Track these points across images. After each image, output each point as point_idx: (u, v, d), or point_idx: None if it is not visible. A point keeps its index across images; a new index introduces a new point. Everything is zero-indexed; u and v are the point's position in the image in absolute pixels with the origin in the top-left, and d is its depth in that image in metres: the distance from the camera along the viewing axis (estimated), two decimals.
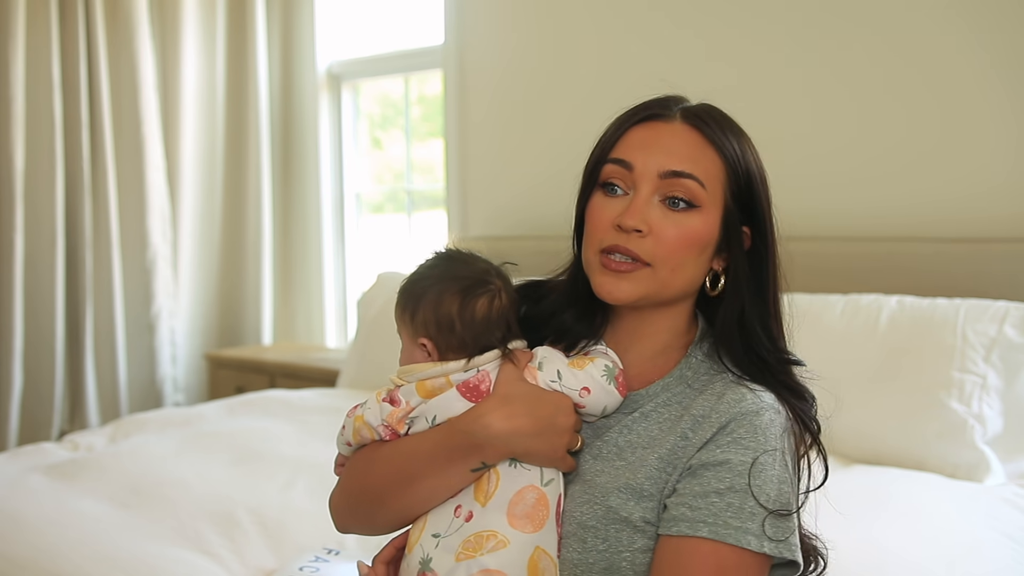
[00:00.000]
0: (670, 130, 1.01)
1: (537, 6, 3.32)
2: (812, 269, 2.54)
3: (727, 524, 0.90)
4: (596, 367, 1.01)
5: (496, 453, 0.96)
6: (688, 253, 0.99)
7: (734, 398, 0.97)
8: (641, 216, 0.97)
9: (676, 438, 0.97)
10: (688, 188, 0.98)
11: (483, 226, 3.49)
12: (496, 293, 1.03)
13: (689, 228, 0.98)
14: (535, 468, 0.98)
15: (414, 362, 1.04)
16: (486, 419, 0.96)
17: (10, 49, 3.48)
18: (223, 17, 3.99)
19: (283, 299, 4.24)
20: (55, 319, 3.63)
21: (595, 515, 0.95)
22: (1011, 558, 1.70)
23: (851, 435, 2.17)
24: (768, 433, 0.94)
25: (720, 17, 2.85)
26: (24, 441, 3.57)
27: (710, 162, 0.99)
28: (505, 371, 1.01)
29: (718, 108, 1.05)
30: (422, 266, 1.07)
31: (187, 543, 1.85)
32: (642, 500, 0.95)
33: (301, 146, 4.12)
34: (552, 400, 0.98)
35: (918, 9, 2.51)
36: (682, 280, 1.01)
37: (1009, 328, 2.09)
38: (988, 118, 2.43)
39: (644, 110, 1.03)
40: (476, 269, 1.04)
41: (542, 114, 3.30)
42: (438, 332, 1.01)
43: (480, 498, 0.97)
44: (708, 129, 1.00)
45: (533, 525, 0.95)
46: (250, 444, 2.44)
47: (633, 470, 0.97)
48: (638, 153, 1.00)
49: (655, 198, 0.99)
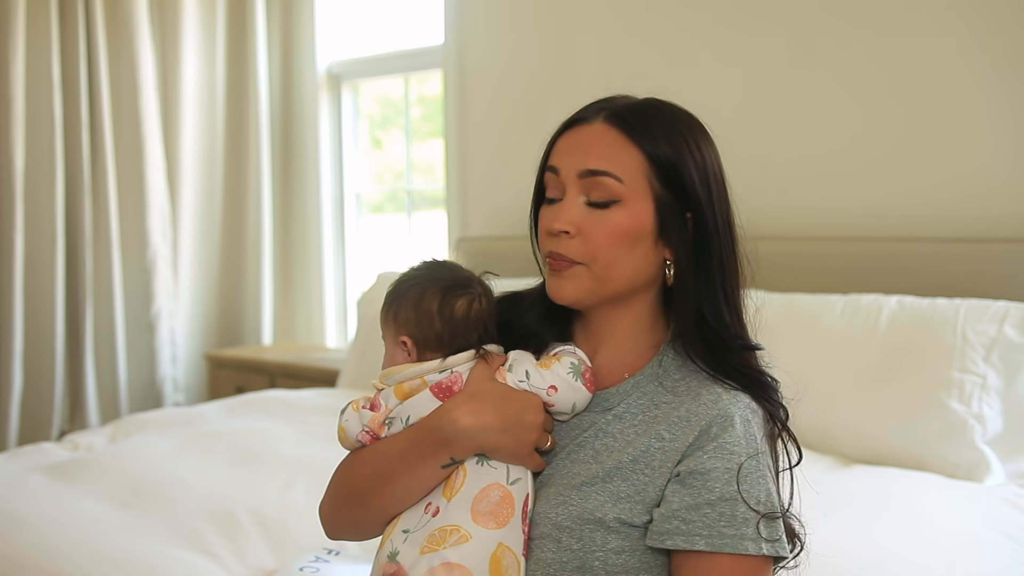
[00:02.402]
0: (590, 131, 1.04)
1: (537, 6, 3.32)
2: (812, 269, 2.54)
3: (722, 534, 0.92)
4: (562, 365, 1.03)
5: (463, 448, 0.98)
6: (618, 247, 1.01)
7: (710, 398, 0.99)
8: (566, 218, 1.01)
9: (651, 439, 0.99)
10: (605, 185, 1.01)
11: (483, 226, 3.49)
12: (476, 297, 1.07)
13: (613, 223, 1.01)
14: (501, 467, 1.00)
15: (395, 364, 1.07)
16: (453, 414, 0.98)
17: (10, 49, 3.48)
18: (223, 17, 3.99)
19: (283, 299, 4.24)
20: (55, 319, 3.63)
21: (569, 515, 0.97)
22: (1011, 558, 1.70)
23: (851, 435, 2.17)
24: (749, 435, 0.97)
25: (720, 18, 2.85)
26: (24, 441, 3.57)
27: (628, 157, 1.01)
28: (476, 371, 1.03)
29: (656, 102, 1.06)
30: (407, 271, 1.11)
31: (187, 543, 1.85)
32: (618, 502, 0.97)
33: (301, 146, 4.12)
34: (520, 398, 1.01)
35: (918, 10, 2.51)
36: (622, 274, 1.03)
37: (1009, 328, 2.09)
38: (988, 118, 2.43)
39: (573, 118, 1.07)
40: (459, 275, 1.09)
41: (542, 114, 3.29)
42: (418, 328, 1.05)
43: (447, 494, 0.99)
44: (626, 125, 1.02)
45: (496, 522, 0.96)
46: (250, 444, 2.44)
47: (608, 472, 0.98)
48: (563, 157, 1.04)
49: (580, 199, 1.02)
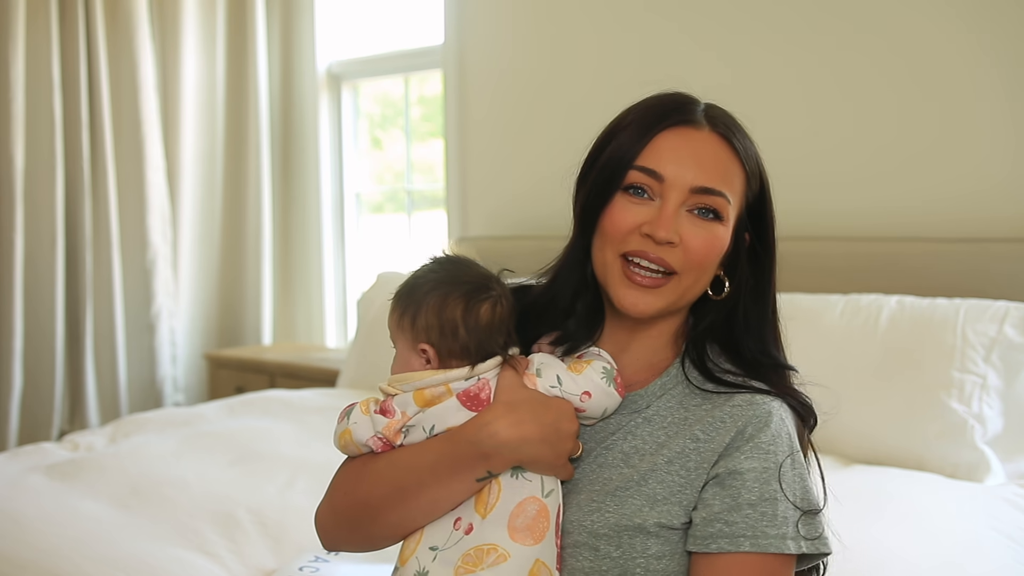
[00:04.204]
0: (701, 140, 1.00)
1: (537, 6, 3.32)
2: (812, 269, 2.54)
3: (765, 534, 0.91)
4: (594, 370, 1.00)
5: (503, 461, 0.95)
6: (711, 263, 1.00)
7: (743, 399, 0.98)
8: (674, 228, 0.97)
9: (686, 440, 0.98)
10: (717, 203, 0.98)
11: (483, 226, 3.49)
12: (498, 299, 1.01)
13: (714, 238, 0.99)
14: (536, 479, 0.96)
15: (411, 370, 1.00)
16: (493, 427, 0.94)
17: (10, 49, 3.48)
18: (223, 17, 3.99)
19: (283, 299, 4.24)
20: (55, 319, 3.62)
21: (606, 523, 0.95)
22: (1011, 558, 1.70)
23: (851, 435, 2.17)
24: (785, 434, 0.96)
25: (719, 18, 2.85)
26: (24, 441, 3.57)
27: (736, 177, 1.00)
28: (506, 378, 0.99)
29: (728, 111, 1.05)
30: (421, 270, 1.04)
31: (187, 543, 1.85)
32: (656, 505, 0.95)
33: (301, 146, 4.12)
34: (555, 405, 0.97)
35: (918, 9, 2.51)
36: (699, 288, 1.02)
37: (1009, 328, 2.09)
38: (987, 118, 2.43)
39: (672, 114, 1.01)
40: (477, 274, 1.02)
41: (542, 114, 3.30)
42: (440, 337, 0.98)
43: (480, 510, 0.95)
44: (736, 140, 1.01)
45: (534, 538, 0.93)
46: (250, 444, 2.43)
47: (643, 475, 0.97)
48: (669, 164, 0.98)
49: (682, 208, 0.98)
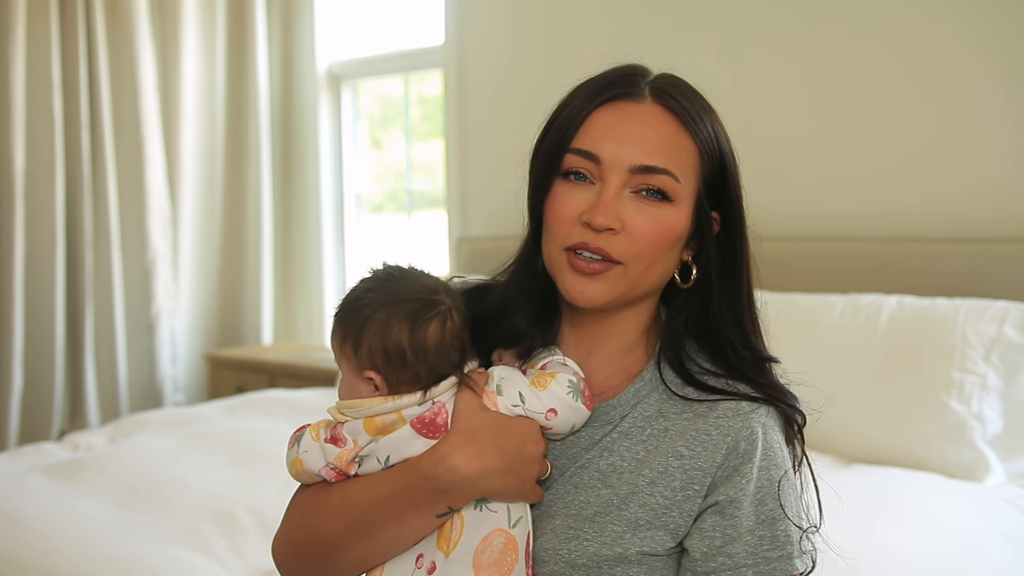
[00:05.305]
0: (640, 113, 0.90)
1: (537, 6, 3.32)
2: (812, 269, 2.54)
3: (767, 559, 0.86)
4: (559, 384, 0.91)
5: (464, 496, 0.87)
6: (662, 249, 0.90)
7: (728, 409, 0.90)
8: (613, 213, 0.88)
9: (668, 457, 0.90)
10: (661, 182, 0.88)
11: (483, 226, 3.49)
12: (447, 314, 0.91)
13: (663, 221, 0.89)
14: (501, 509, 0.89)
15: (358, 396, 0.91)
16: (450, 460, 0.85)
17: (10, 49, 3.48)
18: (223, 17, 3.99)
19: (283, 299, 4.24)
20: (55, 319, 3.62)
21: (585, 552, 0.87)
22: (1011, 558, 1.70)
23: (851, 435, 2.17)
24: (775, 449, 0.90)
25: (719, 19, 2.85)
26: (24, 441, 3.57)
27: (685, 151, 0.90)
28: (463, 400, 0.90)
29: (684, 81, 0.95)
30: (358, 288, 0.94)
31: (187, 543, 1.85)
32: (639, 531, 0.88)
33: (301, 146, 4.12)
34: (518, 428, 0.89)
35: (917, 8, 2.51)
36: (653, 277, 0.92)
37: (1009, 328, 2.08)
38: (988, 118, 2.43)
39: (609, 87, 0.92)
40: (422, 287, 0.92)
41: (542, 114, 3.28)
42: (387, 365, 0.89)
43: (443, 547, 0.88)
44: (682, 111, 0.90)
45: (501, 573, 0.86)
46: (250, 444, 2.44)
47: (623, 498, 0.89)
48: (606, 143, 0.89)
49: (625, 190, 0.89)
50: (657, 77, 0.94)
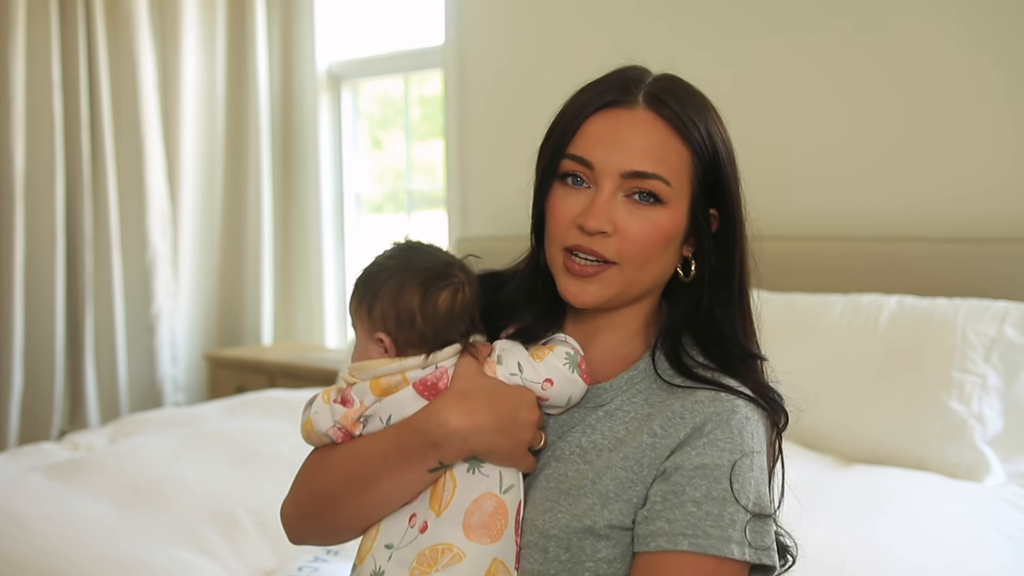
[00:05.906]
0: (632, 120, 0.93)
1: (536, 6, 3.32)
2: (812, 269, 2.54)
3: (707, 534, 0.85)
4: (557, 356, 0.95)
5: (454, 452, 0.90)
6: (655, 249, 0.94)
7: (707, 395, 0.92)
8: (605, 216, 0.92)
9: (645, 436, 0.92)
10: (652, 187, 0.92)
11: (483, 226, 3.49)
12: (459, 286, 0.96)
13: (655, 224, 0.93)
14: (493, 474, 0.92)
15: (369, 358, 0.97)
16: (443, 415, 0.90)
17: (10, 49, 3.48)
18: (223, 17, 3.99)
19: (283, 299, 4.24)
20: (55, 319, 3.62)
21: (557, 523, 0.90)
22: (1011, 558, 1.70)
23: (851, 435, 2.17)
24: (744, 433, 0.90)
25: (719, 19, 2.85)
26: (24, 441, 3.57)
27: (676, 155, 0.93)
28: (463, 365, 0.95)
29: (681, 82, 0.98)
30: (380, 257, 1.00)
31: (187, 543, 1.85)
32: (608, 503, 0.90)
33: (301, 146, 4.12)
34: (514, 394, 0.93)
35: (917, 8, 2.51)
36: (649, 276, 0.96)
37: (1009, 328, 2.09)
38: (987, 118, 2.43)
39: (603, 94, 0.95)
40: (438, 261, 0.98)
41: (542, 114, 3.28)
42: (397, 327, 0.95)
43: (435, 507, 0.91)
44: (673, 116, 0.93)
45: (490, 536, 0.89)
46: (250, 444, 2.43)
47: (598, 472, 0.92)
48: (598, 150, 0.93)
49: (619, 194, 0.93)
50: (653, 82, 0.97)
